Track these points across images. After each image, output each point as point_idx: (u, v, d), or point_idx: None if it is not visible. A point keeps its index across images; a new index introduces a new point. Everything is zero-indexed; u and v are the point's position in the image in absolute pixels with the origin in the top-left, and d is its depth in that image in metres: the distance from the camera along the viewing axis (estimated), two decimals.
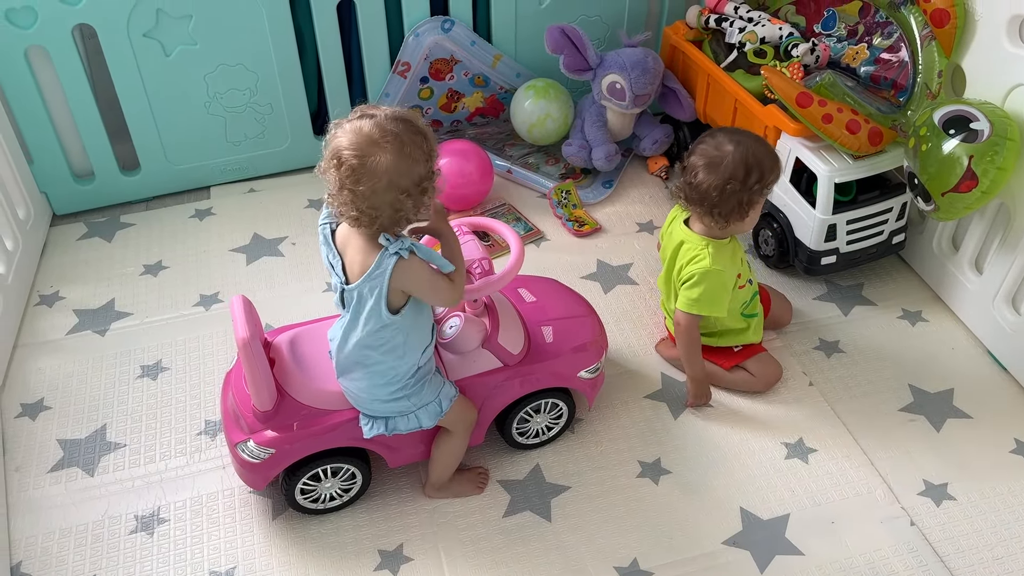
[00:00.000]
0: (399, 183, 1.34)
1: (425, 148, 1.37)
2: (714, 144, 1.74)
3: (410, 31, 2.50)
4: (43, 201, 2.42)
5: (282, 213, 2.47)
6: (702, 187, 1.72)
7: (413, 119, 1.39)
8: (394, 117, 1.37)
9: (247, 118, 2.48)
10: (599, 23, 2.66)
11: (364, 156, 1.33)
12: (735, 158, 1.70)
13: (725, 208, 1.73)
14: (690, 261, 1.81)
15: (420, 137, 1.37)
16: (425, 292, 1.46)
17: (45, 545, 1.67)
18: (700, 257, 1.80)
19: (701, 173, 1.73)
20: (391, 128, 1.34)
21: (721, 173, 1.71)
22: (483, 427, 1.73)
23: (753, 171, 1.71)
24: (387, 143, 1.33)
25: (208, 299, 2.20)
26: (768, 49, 2.26)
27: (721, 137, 1.75)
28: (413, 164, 1.35)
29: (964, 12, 1.93)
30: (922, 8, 2.01)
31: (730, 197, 1.72)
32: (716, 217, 1.75)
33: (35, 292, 2.23)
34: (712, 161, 1.72)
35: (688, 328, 1.84)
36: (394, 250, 1.38)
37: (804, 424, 1.90)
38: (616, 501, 1.75)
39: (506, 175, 2.59)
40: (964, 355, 2.06)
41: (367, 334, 1.47)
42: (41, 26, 2.15)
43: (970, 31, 1.94)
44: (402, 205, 1.37)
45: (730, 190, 1.71)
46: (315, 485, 1.66)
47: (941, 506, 1.74)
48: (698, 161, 1.74)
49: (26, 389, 1.97)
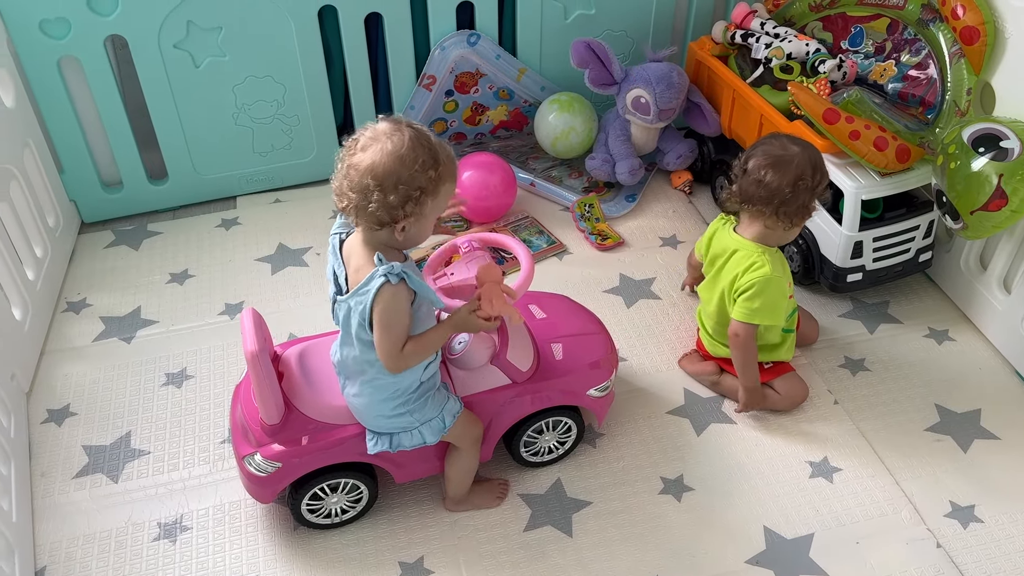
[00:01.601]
0: (381, 177, 1.32)
1: (428, 160, 1.35)
2: (779, 145, 1.75)
3: (436, 45, 2.52)
4: (72, 209, 2.45)
5: (307, 223, 2.49)
6: (772, 185, 1.72)
7: (430, 133, 1.39)
8: (414, 126, 1.38)
9: (274, 129, 2.50)
10: (624, 38, 2.67)
11: (367, 139, 1.35)
12: (803, 157, 1.72)
13: (792, 207, 1.73)
14: (748, 269, 1.79)
15: (426, 149, 1.35)
16: (378, 327, 1.40)
17: (69, 550, 1.68)
18: (759, 264, 1.78)
19: (770, 172, 1.72)
20: (404, 128, 1.36)
21: (792, 171, 1.71)
22: (491, 444, 1.72)
23: (818, 171, 1.73)
24: (389, 137, 1.34)
25: (233, 308, 2.22)
26: (795, 65, 2.25)
27: (783, 139, 1.77)
28: (404, 166, 1.33)
29: (994, 30, 1.92)
30: (951, 26, 2.00)
31: (800, 195, 1.72)
32: (782, 217, 1.74)
33: (63, 299, 2.26)
34: (781, 160, 1.72)
35: (746, 339, 1.82)
36: (382, 271, 1.36)
37: (829, 442, 1.88)
38: (638, 517, 1.74)
39: (529, 188, 2.59)
40: (991, 375, 2.03)
41: (361, 350, 1.46)
42: (74, 37, 2.19)
43: (1000, 48, 1.93)
44: (374, 201, 1.33)
45: (801, 187, 1.71)
46: (321, 500, 1.65)
47: (968, 528, 1.71)
48: (764, 161, 1.73)
49: (52, 395, 1.99)
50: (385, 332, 1.41)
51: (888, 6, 2.20)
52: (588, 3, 2.57)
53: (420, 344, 1.45)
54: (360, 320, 1.41)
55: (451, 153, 1.41)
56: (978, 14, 1.94)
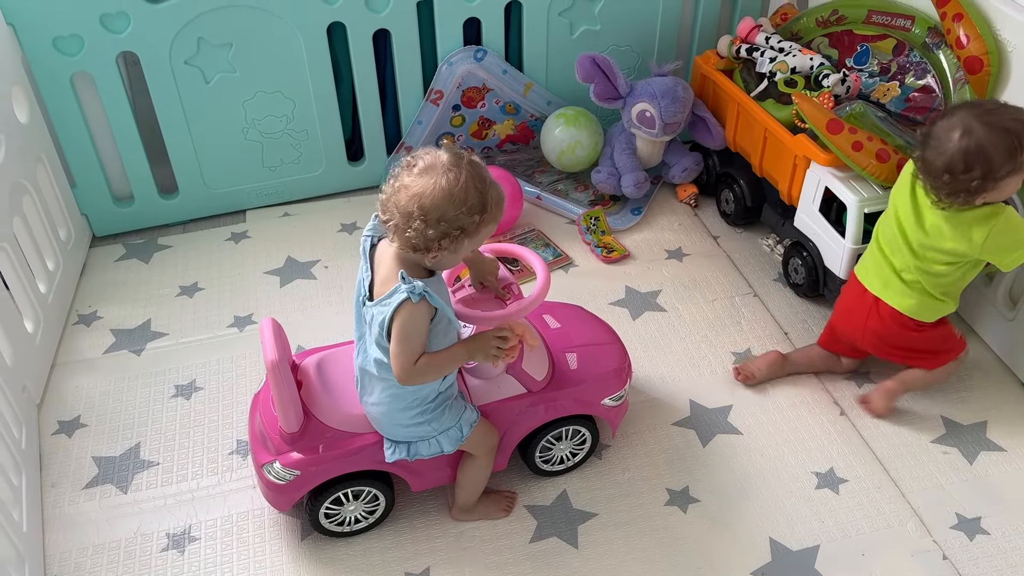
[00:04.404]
0: (427, 209, 1.34)
1: (477, 204, 1.35)
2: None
3: (443, 60, 2.54)
4: (84, 223, 2.48)
5: (315, 237, 2.51)
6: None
7: (487, 175, 1.39)
8: (475, 164, 1.38)
9: (283, 144, 2.53)
10: (629, 52, 2.69)
11: (425, 165, 1.36)
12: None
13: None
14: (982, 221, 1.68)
15: (477, 193, 1.35)
16: (394, 340, 1.42)
17: (79, 561, 1.70)
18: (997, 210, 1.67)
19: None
20: (463, 167, 1.36)
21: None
22: (506, 452, 1.74)
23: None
24: (446, 172, 1.34)
25: (242, 320, 2.24)
26: (799, 79, 2.27)
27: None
28: (453, 205, 1.34)
29: (998, 60, 1.94)
30: (956, 54, 2.02)
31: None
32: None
33: (74, 311, 2.28)
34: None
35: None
36: (405, 289, 1.38)
37: (835, 453, 1.88)
38: (643, 529, 1.74)
39: (536, 201, 2.61)
40: (998, 387, 2.03)
41: (380, 355, 1.48)
42: (87, 53, 2.22)
43: (1006, 68, 1.94)
44: (414, 229, 1.34)
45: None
46: (339, 508, 1.67)
47: (974, 540, 1.71)
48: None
49: (63, 406, 2.01)
50: (400, 346, 1.43)
51: (895, 27, 2.22)
52: (594, 18, 2.59)
53: (434, 361, 1.46)
54: (380, 330, 1.44)
55: (501, 197, 1.41)
56: (982, 44, 1.96)
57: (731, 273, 2.38)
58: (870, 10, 2.27)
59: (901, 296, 1.81)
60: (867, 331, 1.88)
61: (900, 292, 1.81)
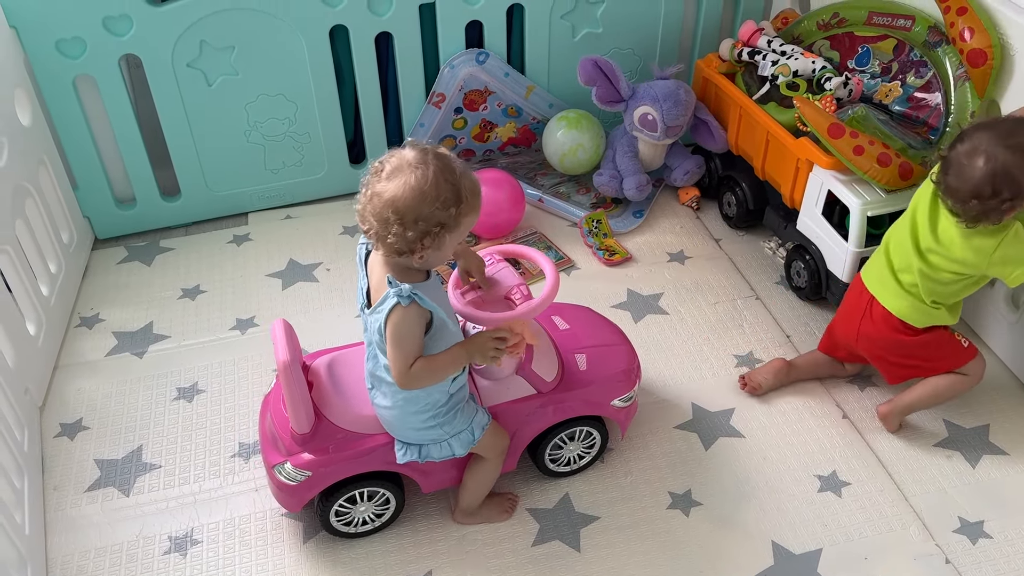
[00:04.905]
0: (402, 212, 1.33)
1: (450, 197, 1.35)
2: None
3: (445, 63, 2.55)
4: (86, 225, 2.48)
5: (317, 239, 2.51)
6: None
7: (456, 165, 1.37)
8: (441, 156, 1.37)
9: (285, 146, 2.53)
10: (631, 55, 2.69)
11: (392, 168, 1.36)
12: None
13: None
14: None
15: (449, 185, 1.35)
16: (389, 344, 1.43)
17: (81, 564, 1.70)
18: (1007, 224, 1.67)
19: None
20: (429, 161, 1.35)
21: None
22: (516, 454, 1.74)
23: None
24: (413, 171, 1.34)
25: (244, 323, 2.24)
26: (801, 82, 2.27)
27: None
28: (426, 202, 1.33)
29: (1001, 53, 1.94)
30: (958, 48, 2.02)
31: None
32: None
33: (76, 314, 2.28)
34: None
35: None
36: (393, 293, 1.39)
37: (837, 457, 1.88)
38: (646, 532, 1.74)
39: (537, 204, 2.61)
40: (1000, 391, 2.03)
41: (388, 361, 1.48)
42: (89, 56, 2.22)
43: (1007, 68, 1.94)
44: (393, 234, 1.34)
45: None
46: (350, 508, 1.67)
47: (977, 544, 1.71)
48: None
49: (65, 409, 2.01)
50: (395, 350, 1.43)
51: (895, 27, 2.22)
52: (596, 21, 2.60)
53: (431, 364, 1.46)
54: (380, 336, 1.45)
55: (475, 185, 1.40)
56: (986, 37, 1.96)
57: (733, 276, 2.38)
58: (870, 11, 2.27)
59: (895, 297, 1.81)
60: (860, 335, 1.88)
61: (894, 293, 1.81)
